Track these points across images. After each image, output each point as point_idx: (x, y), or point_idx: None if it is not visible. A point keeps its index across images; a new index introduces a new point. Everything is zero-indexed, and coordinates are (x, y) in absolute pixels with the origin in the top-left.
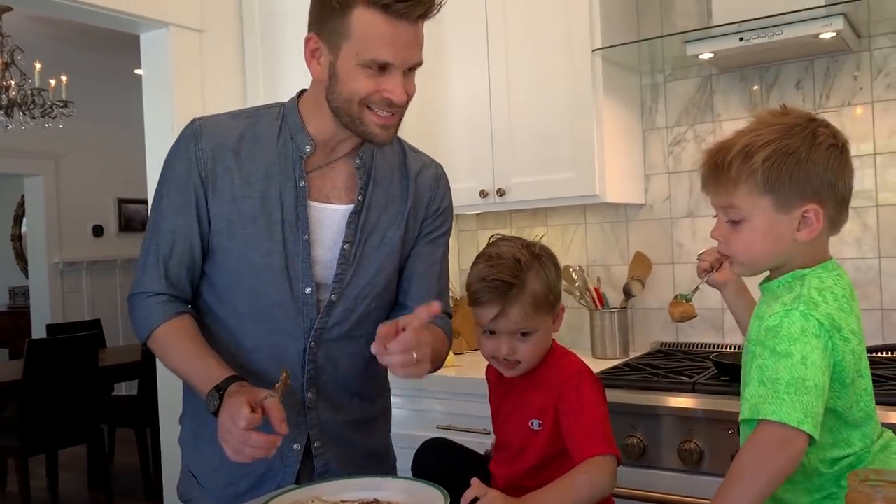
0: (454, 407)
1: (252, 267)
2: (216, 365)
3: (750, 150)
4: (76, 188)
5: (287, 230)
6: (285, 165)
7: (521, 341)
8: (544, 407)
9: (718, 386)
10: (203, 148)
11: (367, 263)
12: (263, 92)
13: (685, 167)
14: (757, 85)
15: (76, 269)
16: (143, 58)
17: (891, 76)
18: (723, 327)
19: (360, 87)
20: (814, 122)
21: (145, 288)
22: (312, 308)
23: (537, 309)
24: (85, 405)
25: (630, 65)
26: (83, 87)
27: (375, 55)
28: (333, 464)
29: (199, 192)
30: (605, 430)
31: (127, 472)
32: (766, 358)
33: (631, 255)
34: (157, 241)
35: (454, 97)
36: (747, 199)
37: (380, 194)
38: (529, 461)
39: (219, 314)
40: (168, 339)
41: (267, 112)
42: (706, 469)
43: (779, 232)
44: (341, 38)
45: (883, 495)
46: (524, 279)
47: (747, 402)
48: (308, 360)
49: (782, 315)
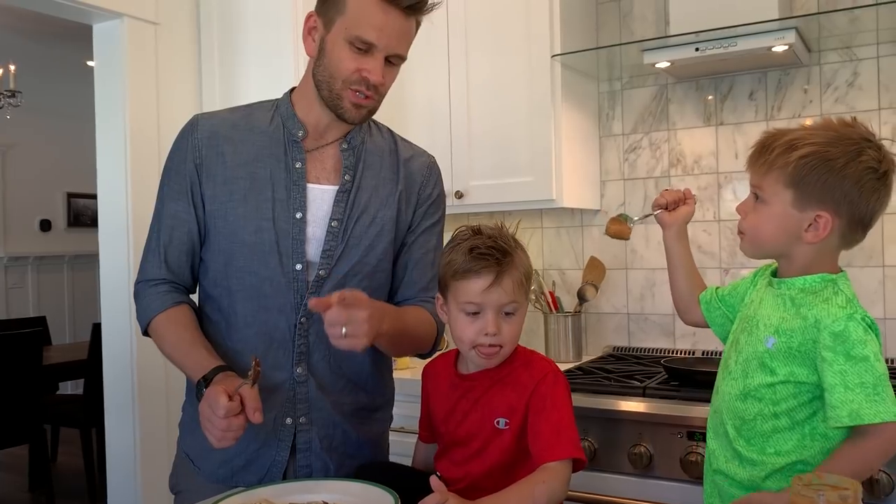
0: (408, 409)
1: (243, 244)
2: (206, 355)
3: (794, 145)
4: (23, 181)
5: (278, 208)
6: (276, 149)
7: (506, 321)
8: (514, 406)
9: (668, 390)
10: (199, 137)
11: (357, 242)
12: (219, 88)
13: (640, 174)
14: (711, 95)
15: (21, 264)
16: (96, 49)
17: (839, 90)
18: (674, 333)
19: (344, 64)
20: (866, 142)
21: (147, 275)
22: (303, 284)
23: (522, 285)
24: (27, 404)
25: (588, 71)
26: (32, 77)
27: (362, 33)
28: (316, 444)
29: (194, 178)
30: (575, 433)
31: (70, 474)
32: (842, 364)
33: (585, 259)
34: (158, 228)
35: (414, 99)
36: (772, 186)
37: (370, 176)
38: (490, 461)
39: (214, 297)
40: (164, 329)
41: (261, 105)
42: (655, 472)
43: (787, 225)
44: (337, 13)
45: (825, 499)
46: (515, 250)
47: (842, 407)
48: (298, 335)
49: (846, 320)
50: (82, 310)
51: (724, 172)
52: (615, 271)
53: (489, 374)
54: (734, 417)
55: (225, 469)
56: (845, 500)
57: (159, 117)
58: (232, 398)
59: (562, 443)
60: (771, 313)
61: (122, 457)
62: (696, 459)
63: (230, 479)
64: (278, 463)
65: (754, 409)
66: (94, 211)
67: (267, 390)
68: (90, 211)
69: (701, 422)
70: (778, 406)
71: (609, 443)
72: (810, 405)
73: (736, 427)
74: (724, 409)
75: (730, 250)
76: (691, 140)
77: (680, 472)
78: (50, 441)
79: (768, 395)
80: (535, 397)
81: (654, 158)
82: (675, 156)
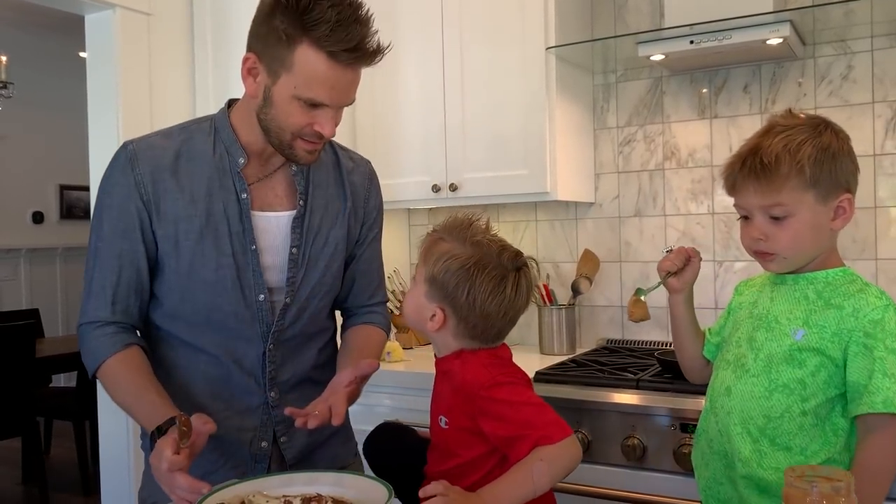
0: (402, 402)
1: (204, 282)
2: (160, 403)
3: (793, 149)
4: (15, 173)
5: (235, 242)
6: (225, 180)
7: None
8: (451, 406)
9: (662, 383)
10: (141, 172)
11: (315, 264)
12: (212, 81)
13: (634, 167)
14: (706, 88)
15: (14, 257)
16: (88, 40)
17: (833, 83)
18: (667, 326)
19: (294, 119)
20: (824, 121)
21: (91, 317)
22: (268, 313)
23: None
24: (20, 397)
25: (583, 64)
26: (24, 69)
27: (313, 95)
28: (306, 453)
29: (143, 215)
30: (546, 416)
31: (63, 466)
32: (882, 351)
33: (579, 252)
34: (101, 267)
35: (408, 92)
36: (793, 195)
37: (320, 196)
38: (449, 461)
39: (170, 330)
40: (115, 374)
41: (199, 127)
42: (649, 464)
43: (820, 223)
44: (282, 68)
45: (818, 490)
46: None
47: (878, 393)
48: (269, 362)
49: (883, 310)
50: (75, 302)
51: (718, 165)
52: (609, 264)
53: (438, 363)
54: (758, 416)
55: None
56: (839, 492)
57: (152, 109)
58: (178, 452)
59: (537, 430)
60: (792, 308)
61: (116, 449)
62: (690, 451)
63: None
64: None
65: (782, 406)
66: (86, 203)
67: (240, 414)
68: (83, 203)
69: (694, 414)
70: (807, 403)
71: (602, 435)
72: (833, 400)
73: (759, 427)
74: (740, 410)
75: (723, 243)
76: (686, 133)
77: (673, 464)
78: (43, 433)
79: (798, 389)
80: (482, 417)
81: (648, 151)
82: (669, 149)
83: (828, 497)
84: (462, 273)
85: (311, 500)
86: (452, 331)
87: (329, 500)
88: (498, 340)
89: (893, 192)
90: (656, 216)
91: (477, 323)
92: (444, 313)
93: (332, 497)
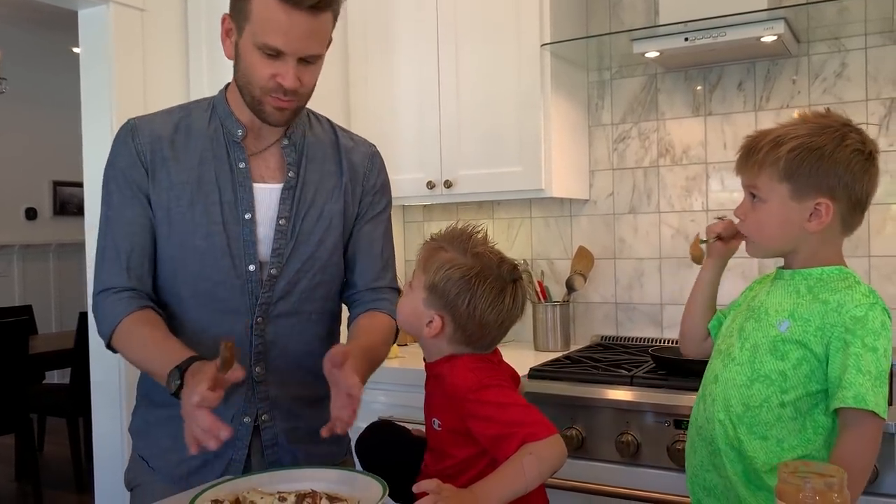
0: (397, 398)
1: (195, 251)
2: (178, 348)
3: (780, 141)
4: (8, 169)
5: (226, 211)
6: (218, 150)
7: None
8: (443, 408)
9: (656, 379)
10: (141, 141)
11: (307, 238)
12: (207, 76)
13: (629, 164)
14: (700, 85)
15: (6, 253)
16: (81, 35)
17: (827, 81)
18: (661, 322)
19: (257, 70)
20: (846, 127)
21: (108, 284)
22: (257, 285)
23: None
24: (13, 393)
25: (578, 61)
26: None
27: (268, 40)
28: (283, 438)
29: (143, 184)
30: (532, 416)
31: (57, 463)
32: (858, 347)
33: (574, 249)
34: (113, 235)
35: (403, 88)
36: (767, 184)
37: (314, 170)
38: (444, 461)
39: (163, 304)
40: (131, 330)
41: (198, 105)
42: (643, 461)
43: (790, 218)
44: (244, 20)
45: (811, 486)
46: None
47: (850, 388)
48: (255, 335)
49: (867, 308)
50: (68, 299)
51: (712, 163)
52: (603, 261)
53: (429, 366)
54: (738, 404)
55: (181, 469)
56: (831, 487)
57: (146, 104)
58: (214, 389)
59: (525, 429)
60: (782, 301)
61: (109, 446)
62: (683, 448)
63: (185, 479)
64: (236, 462)
65: (761, 396)
66: (80, 199)
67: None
68: (76, 199)
69: (688, 410)
70: (786, 395)
71: (596, 431)
72: (816, 396)
73: (738, 414)
74: (723, 397)
75: None
76: (680, 130)
77: (667, 461)
78: (37, 430)
79: (778, 381)
80: (470, 419)
81: (642, 148)
82: (663, 146)
83: (820, 493)
84: (463, 283)
85: (306, 497)
86: (448, 337)
87: (323, 496)
88: (490, 349)
89: (887, 190)
90: (651, 213)
91: (474, 331)
92: (442, 321)
93: (326, 493)
